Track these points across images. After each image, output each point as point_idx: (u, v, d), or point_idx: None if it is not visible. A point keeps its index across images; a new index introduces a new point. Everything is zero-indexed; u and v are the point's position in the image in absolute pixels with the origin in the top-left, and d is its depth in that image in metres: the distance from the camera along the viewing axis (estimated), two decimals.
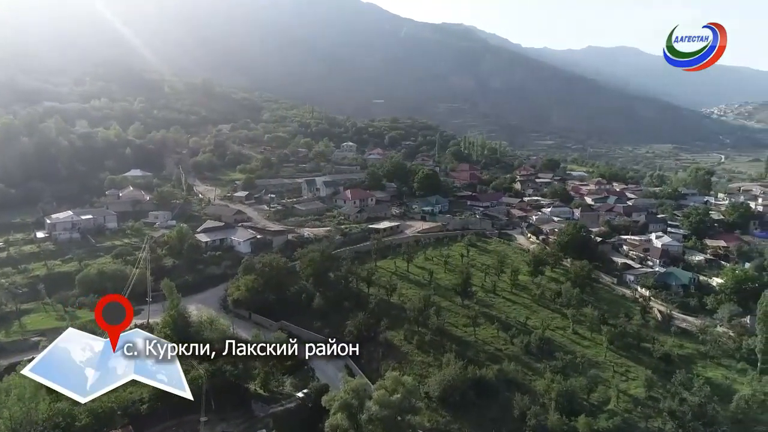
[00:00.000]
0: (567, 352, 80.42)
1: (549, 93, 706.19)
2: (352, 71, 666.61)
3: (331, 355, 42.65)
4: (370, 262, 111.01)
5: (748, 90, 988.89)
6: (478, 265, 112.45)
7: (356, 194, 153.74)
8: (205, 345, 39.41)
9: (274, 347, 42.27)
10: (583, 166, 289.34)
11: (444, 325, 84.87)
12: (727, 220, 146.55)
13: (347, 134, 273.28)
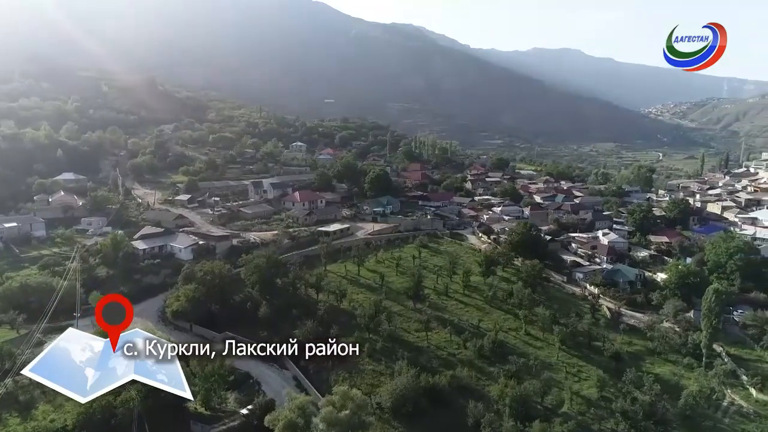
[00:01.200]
0: (520, 354, 79.35)
1: (498, 93, 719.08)
2: (303, 71, 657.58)
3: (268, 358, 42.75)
4: (319, 266, 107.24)
5: (682, 90, 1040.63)
6: (431, 267, 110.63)
7: (305, 196, 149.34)
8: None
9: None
10: (532, 165, 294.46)
11: (396, 331, 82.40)
12: (668, 217, 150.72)
13: (297, 134, 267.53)
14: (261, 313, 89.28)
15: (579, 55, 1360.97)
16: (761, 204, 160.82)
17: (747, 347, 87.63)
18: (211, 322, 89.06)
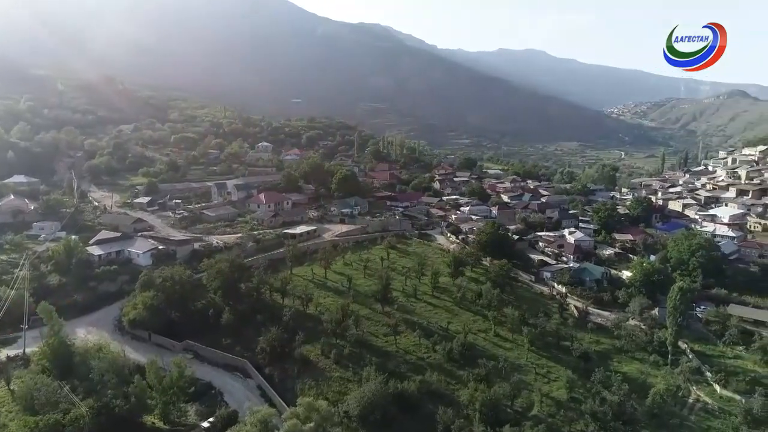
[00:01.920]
0: (490, 356, 78.45)
1: (465, 93, 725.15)
2: (269, 70, 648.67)
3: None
4: (285, 270, 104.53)
5: (642, 91, 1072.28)
6: (399, 269, 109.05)
7: (271, 197, 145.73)
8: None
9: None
10: (499, 164, 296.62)
11: (363, 336, 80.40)
12: (632, 215, 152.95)
13: (263, 134, 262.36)
14: (224, 319, 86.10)
15: (543, 56, 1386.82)
16: (720, 201, 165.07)
17: (710, 343, 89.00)
18: (171, 331, 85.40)
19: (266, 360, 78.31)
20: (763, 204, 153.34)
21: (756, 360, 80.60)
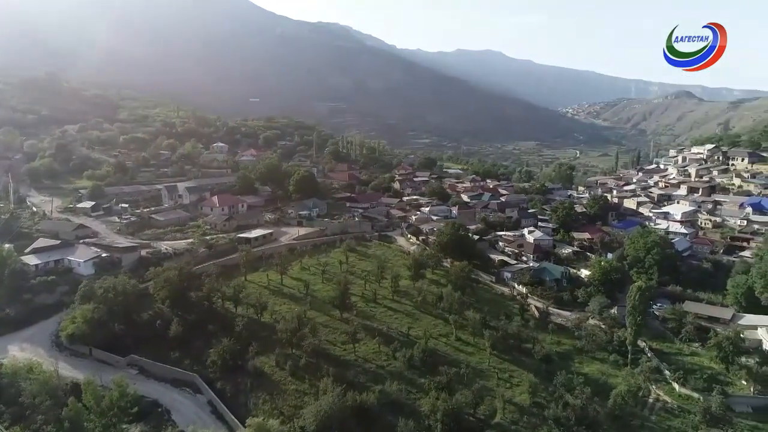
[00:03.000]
0: (451, 362, 76.44)
1: (425, 93, 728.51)
2: (225, 69, 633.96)
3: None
4: (239, 276, 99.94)
5: (595, 91, 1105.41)
6: (358, 272, 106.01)
7: (225, 200, 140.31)
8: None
9: None
10: (459, 164, 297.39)
11: (321, 345, 76.90)
12: (589, 213, 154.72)
13: (218, 135, 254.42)
14: (172, 331, 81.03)
15: (500, 57, 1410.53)
16: (672, 199, 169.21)
17: (667, 341, 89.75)
18: (114, 345, 79.70)
19: (217, 373, 74.09)
20: (712, 201, 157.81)
21: (712, 357, 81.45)
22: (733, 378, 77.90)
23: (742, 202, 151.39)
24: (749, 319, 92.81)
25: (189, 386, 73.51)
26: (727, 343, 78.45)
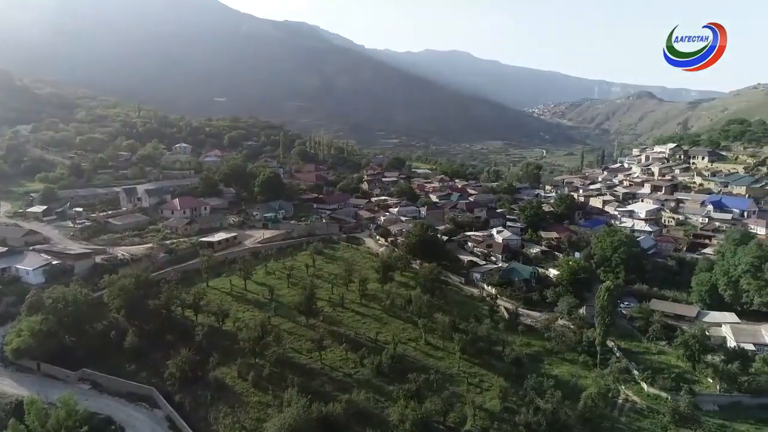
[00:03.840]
0: (420, 368, 74.57)
1: (393, 93, 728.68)
2: (190, 67, 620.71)
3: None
4: (200, 282, 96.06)
5: (560, 92, 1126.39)
6: (326, 276, 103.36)
7: (187, 203, 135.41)
8: None
9: None
10: (427, 164, 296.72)
11: (285, 354, 73.98)
12: (556, 212, 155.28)
13: (181, 135, 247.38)
14: (127, 342, 76.94)
15: (468, 58, 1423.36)
16: (636, 197, 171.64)
17: (635, 340, 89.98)
18: (65, 358, 75.03)
19: (176, 386, 70.37)
20: (675, 199, 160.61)
21: (679, 355, 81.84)
22: (699, 376, 78.36)
23: (703, 200, 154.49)
24: (713, 317, 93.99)
25: (146, 401, 69.63)
26: (693, 341, 78.87)
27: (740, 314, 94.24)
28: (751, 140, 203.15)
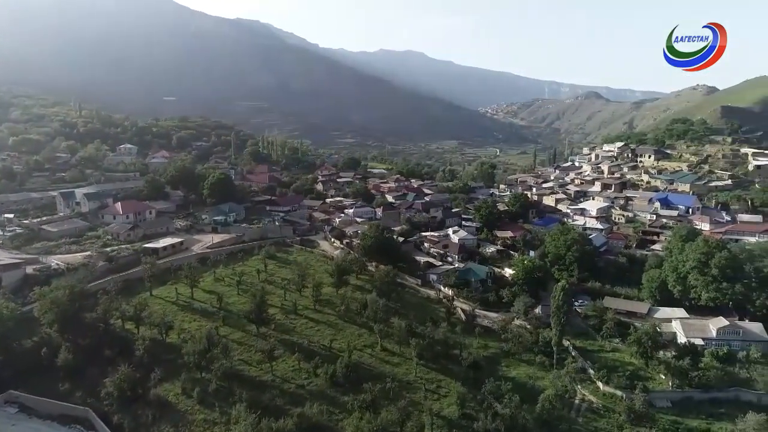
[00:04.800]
0: (376, 375, 72.16)
1: (348, 92, 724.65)
2: (137, 65, 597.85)
3: None
4: (143, 292, 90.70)
5: (512, 92, 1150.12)
6: (278, 281, 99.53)
7: (130, 207, 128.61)
8: None
9: None
10: (383, 164, 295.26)
11: (234, 367, 70.11)
12: (510, 211, 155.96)
13: (126, 135, 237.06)
14: (61, 359, 71.53)
15: (422, 58, 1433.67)
16: (587, 195, 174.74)
17: (590, 338, 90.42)
18: None
19: (114, 406, 65.77)
20: (624, 197, 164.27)
21: (632, 352, 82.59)
22: (652, 373, 79.17)
23: (650, 198, 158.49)
24: (664, 313, 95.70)
25: (81, 423, 64.79)
26: (645, 338, 79.70)
27: (689, 309, 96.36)
28: (694, 139, 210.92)
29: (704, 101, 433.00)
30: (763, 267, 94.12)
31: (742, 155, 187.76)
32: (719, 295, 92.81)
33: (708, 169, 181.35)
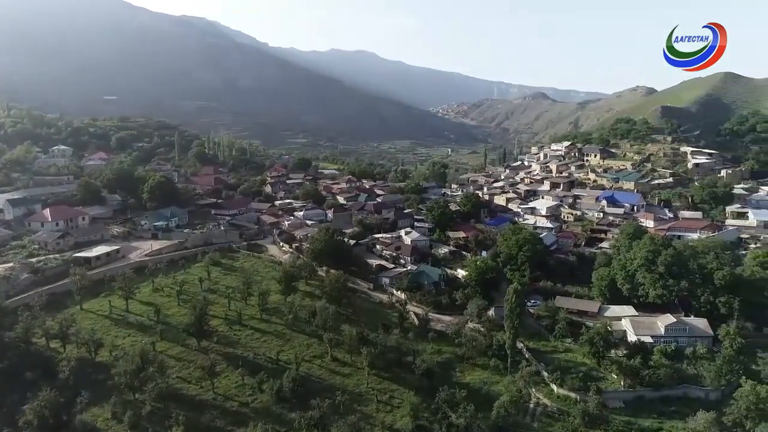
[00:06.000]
0: (326, 388, 68.73)
1: (300, 92, 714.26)
2: (75, 64, 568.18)
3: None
4: (73, 305, 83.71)
5: (462, 92, 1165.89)
6: (222, 290, 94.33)
7: (60, 213, 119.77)
8: None
9: None
10: (335, 164, 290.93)
11: (171, 386, 64.99)
12: (462, 211, 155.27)
13: (60, 136, 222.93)
14: None
15: (373, 58, 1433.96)
16: (537, 194, 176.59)
17: (543, 339, 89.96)
18: None
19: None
20: (572, 195, 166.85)
21: (584, 353, 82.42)
22: (605, 372, 79.19)
23: (597, 196, 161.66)
24: (614, 311, 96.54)
25: None
26: (597, 338, 79.59)
27: (637, 306, 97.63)
28: (637, 138, 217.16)
29: (644, 102, 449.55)
30: (706, 263, 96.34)
31: (682, 154, 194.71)
32: (666, 292, 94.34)
33: (651, 168, 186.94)
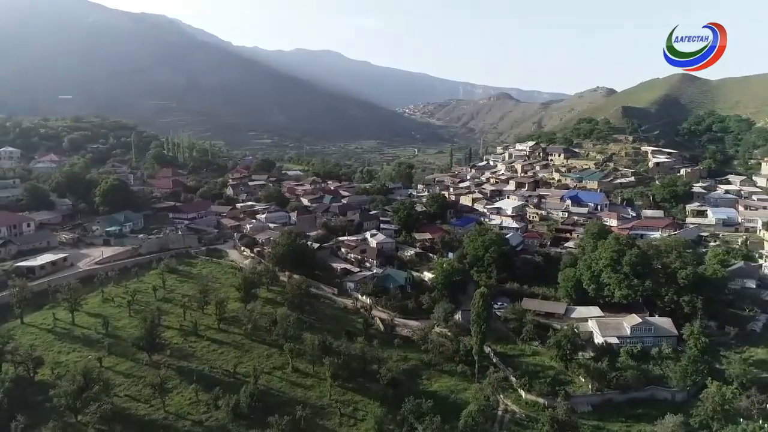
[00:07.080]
0: (286, 402, 65.33)
1: (264, 92, 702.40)
2: (25, 62, 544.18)
3: None
4: (13, 320, 77.86)
5: (428, 92, 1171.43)
6: (178, 299, 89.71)
7: (1, 219, 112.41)
8: None
9: None
10: (300, 165, 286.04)
11: (117, 406, 60.45)
12: (429, 212, 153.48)
13: (7, 138, 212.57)
14: None
15: (339, 58, 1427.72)
16: (503, 194, 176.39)
17: (510, 342, 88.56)
18: None
19: None
20: (537, 195, 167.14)
21: (552, 356, 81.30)
22: (572, 376, 78.15)
23: (562, 196, 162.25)
24: (580, 312, 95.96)
25: None
26: (564, 341, 78.50)
27: (603, 307, 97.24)
28: (599, 138, 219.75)
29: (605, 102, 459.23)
30: (669, 263, 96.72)
31: (643, 153, 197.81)
32: (631, 292, 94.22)
33: (613, 167, 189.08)
